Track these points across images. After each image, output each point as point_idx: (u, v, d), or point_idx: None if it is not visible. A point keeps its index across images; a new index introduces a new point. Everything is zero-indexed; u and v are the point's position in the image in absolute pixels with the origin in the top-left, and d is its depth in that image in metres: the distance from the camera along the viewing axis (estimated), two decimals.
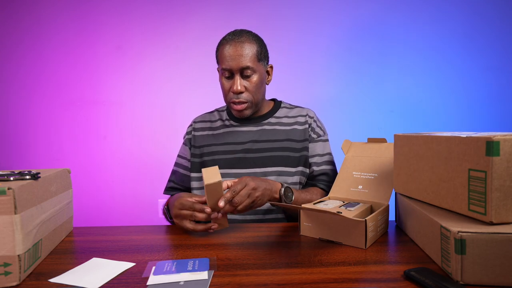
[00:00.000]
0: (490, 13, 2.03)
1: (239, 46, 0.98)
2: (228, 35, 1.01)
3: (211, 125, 1.12)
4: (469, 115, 2.06)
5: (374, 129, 2.05)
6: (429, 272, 0.54)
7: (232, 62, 0.97)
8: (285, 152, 1.04)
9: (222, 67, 0.99)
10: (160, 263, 0.63)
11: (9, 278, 0.56)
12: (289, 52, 2.04)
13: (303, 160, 1.05)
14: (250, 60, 0.98)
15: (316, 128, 1.09)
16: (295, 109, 1.13)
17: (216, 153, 1.06)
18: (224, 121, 1.12)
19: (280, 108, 1.12)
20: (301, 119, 1.09)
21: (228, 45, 0.99)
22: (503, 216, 0.54)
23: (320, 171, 1.06)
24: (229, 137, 1.07)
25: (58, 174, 0.78)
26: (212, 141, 1.09)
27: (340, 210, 0.77)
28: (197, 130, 1.13)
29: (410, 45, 2.04)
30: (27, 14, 2.00)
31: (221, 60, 1.00)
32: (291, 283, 0.54)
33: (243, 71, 0.98)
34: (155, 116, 2.05)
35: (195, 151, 1.10)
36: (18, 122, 2.04)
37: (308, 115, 1.10)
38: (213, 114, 1.16)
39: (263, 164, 1.03)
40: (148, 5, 2.01)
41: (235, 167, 1.03)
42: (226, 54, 0.98)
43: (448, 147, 0.62)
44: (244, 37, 0.99)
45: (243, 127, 1.08)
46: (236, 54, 0.97)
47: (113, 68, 2.04)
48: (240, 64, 0.97)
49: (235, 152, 1.05)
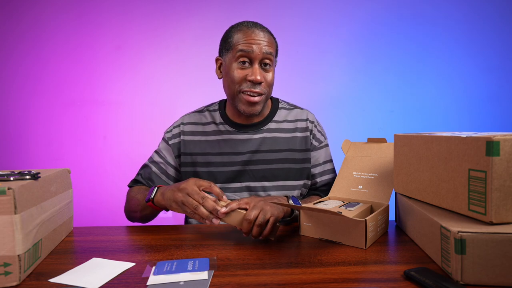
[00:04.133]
0: (490, 13, 2.03)
1: (264, 32, 0.90)
2: (245, 22, 0.92)
3: (203, 129, 1.01)
4: (469, 115, 2.06)
5: (374, 129, 2.05)
6: (429, 272, 0.54)
7: (256, 46, 0.87)
8: (286, 164, 0.98)
9: (241, 49, 0.87)
10: (160, 263, 0.63)
11: (9, 278, 0.56)
12: (289, 52, 2.04)
13: (306, 173, 1.00)
14: (273, 49, 0.90)
15: (317, 134, 1.04)
16: (293, 110, 1.05)
17: (212, 165, 0.97)
18: (218, 125, 1.00)
19: (279, 109, 1.04)
20: (301, 124, 1.02)
21: (249, 28, 0.89)
22: (503, 216, 0.54)
23: (322, 182, 1.04)
24: (226, 146, 0.98)
25: (58, 174, 0.78)
26: (206, 149, 0.98)
27: (340, 210, 0.77)
28: (187, 134, 1.00)
29: (410, 45, 2.04)
30: (27, 14, 2.00)
31: (238, 44, 0.88)
32: (291, 283, 0.54)
33: (265, 59, 0.89)
34: (155, 116, 2.05)
35: (186, 159, 0.99)
36: (18, 122, 2.03)
37: (309, 120, 1.03)
38: (204, 114, 1.03)
39: (264, 178, 0.97)
40: (148, 5, 2.01)
41: (234, 181, 0.97)
42: (248, 36, 0.87)
43: (448, 147, 0.62)
44: (264, 27, 0.92)
45: (241, 134, 0.98)
46: (261, 38, 0.88)
47: (113, 68, 2.03)
48: (264, 49, 0.88)
49: (233, 164, 0.97)
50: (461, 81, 2.05)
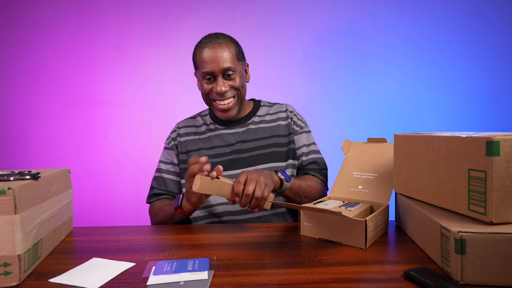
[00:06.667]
0: (490, 13, 2.03)
1: (219, 48, 0.99)
2: (204, 39, 1.02)
3: (196, 130, 1.12)
4: (469, 115, 2.06)
5: (374, 129, 2.04)
6: (429, 272, 0.54)
7: (214, 64, 0.98)
8: (274, 148, 1.06)
9: (203, 71, 0.99)
10: (160, 263, 0.63)
11: (9, 278, 0.56)
12: (289, 51, 2.04)
13: (292, 153, 1.07)
14: (231, 60, 0.99)
15: (297, 121, 1.12)
16: (274, 106, 1.15)
17: None
18: (209, 125, 1.12)
19: (261, 106, 1.14)
20: (282, 115, 1.12)
21: (206, 48, 0.99)
22: (503, 216, 0.54)
23: (309, 160, 1.08)
24: (216, 141, 1.08)
25: (58, 174, 0.78)
26: (199, 146, 1.08)
27: (340, 210, 0.77)
28: (182, 135, 1.12)
29: (410, 45, 2.04)
30: (27, 14, 2.00)
31: (201, 65, 1.00)
32: (291, 283, 0.54)
33: (225, 72, 0.99)
34: (155, 116, 2.04)
35: (183, 157, 1.09)
36: (18, 122, 2.03)
37: (288, 110, 1.13)
38: (196, 119, 1.15)
39: (254, 163, 1.04)
40: (148, 5, 2.01)
41: (228, 169, 1.03)
42: (206, 58, 0.98)
43: (448, 147, 0.62)
44: (221, 39, 1.01)
45: (229, 129, 1.09)
46: (216, 56, 0.98)
47: (113, 68, 2.03)
48: (222, 66, 0.98)
49: (225, 154, 1.05)
50: (461, 81, 2.05)
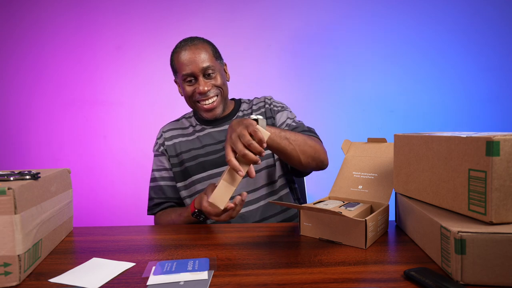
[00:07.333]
0: (490, 13, 2.03)
1: (195, 49, 1.01)
2: (180, 43, 1.04)
3: (183, 132, 1.13)
4: (469, 115, 2.06)
5: (374, 129, 2.04)
6: (429, 272, 0.54)
7: (193, 65, 0.99)
8: None
9: (183, 74, 1.01)
10: (160, 263, 0.63)
11: (9, 278, 0.56)
12: (289, 51, 2.04)
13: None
14: (209, 60, 1.02)
15: (276, 104, 1.14)
16: (253, 100, 1.18)
17: (198, 157, 1.07)
18: (195, 126, 1.13)
19: (242, 103, 1.17)
20: (261, 105, 1.14)
21: (183, 51, 1.01)
22: (503, 216, 0.54)
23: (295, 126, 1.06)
24: (206, 139, 1.09)
25: (58, 174, 0.78)
26: (190, 146, 1.09)
27: (340, 210, 0.77)
28: (169, 139, 1.12)
29: (410, 45, 2.04)
30: (27, 14, 2.00)
31: (180, 68, 1.01)
32: (291, 283, 0.54)
33: (205, 71, 1.01)
34: (155, 115, 2.04)
35: (174, 161, 1.10)
36: (18, 122, 2.03)
37: (266, 99, 1.15)
38: (181, 121, 1.17)
39: None
40: (148, 5, 2.01)
41: (223, 165, 1.05)
42: (185, 60, 1.00)
43: (448, 147, 0.62)
44: (196, 41, 1.04)
45: (217, 127, 1.10)
46: (194, 57, 1.00)
47: (113, 68, 2.03)
48: (201, 65, 1.00)
49: (217, 151, 1.06)
50: (461, 81, 2.05)
